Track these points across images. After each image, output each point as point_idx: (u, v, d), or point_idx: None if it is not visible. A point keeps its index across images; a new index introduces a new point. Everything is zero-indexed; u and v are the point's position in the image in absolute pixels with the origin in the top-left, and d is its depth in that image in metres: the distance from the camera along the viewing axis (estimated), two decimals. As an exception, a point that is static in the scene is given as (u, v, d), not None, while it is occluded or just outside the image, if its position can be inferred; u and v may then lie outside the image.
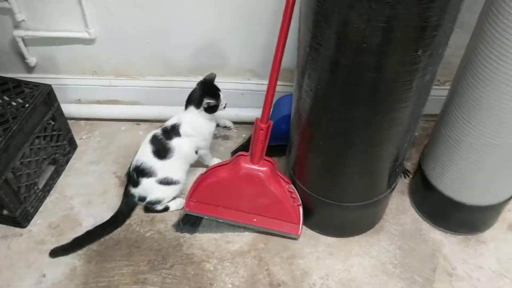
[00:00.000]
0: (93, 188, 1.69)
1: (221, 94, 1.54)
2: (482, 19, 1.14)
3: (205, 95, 1.51)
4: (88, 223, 1.59)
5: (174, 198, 1.61)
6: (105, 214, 1.61)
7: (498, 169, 1.32)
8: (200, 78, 1.81)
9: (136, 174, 1.53)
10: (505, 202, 1.46)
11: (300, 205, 1.47)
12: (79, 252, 1.51)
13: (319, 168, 1.36)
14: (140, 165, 1.52)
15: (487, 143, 1.26)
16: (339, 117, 1.16)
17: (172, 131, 1.53)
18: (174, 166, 1.55)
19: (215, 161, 1.69)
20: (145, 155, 1.53)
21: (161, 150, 1.53)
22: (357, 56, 1.01)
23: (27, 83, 1.59)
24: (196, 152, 1.61)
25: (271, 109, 1.65)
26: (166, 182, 1.54)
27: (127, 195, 1.58)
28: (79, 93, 1.89)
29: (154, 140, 1.54)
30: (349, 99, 1.11)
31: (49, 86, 1.60)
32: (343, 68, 1.06)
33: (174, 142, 1.53)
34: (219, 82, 1.81)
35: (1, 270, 1.47)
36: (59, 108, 1.66)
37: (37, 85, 1.58)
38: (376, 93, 1.08)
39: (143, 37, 1.70)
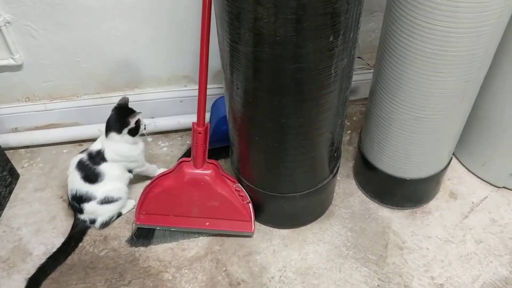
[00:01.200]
0: (41, 215, 1.66)
1: (139, 116, 1.51)
2: (390, 0, 1.19)
3: (123, 120, 1.49)
4: (40, 251, 1.56)
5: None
6: (55, 240, 1.58)
7: (429, 140, 1.38)
8: (137, 90, 1.83)
9: (76, 201, 1.52)
10: (443, 171, 1.53)
11: (249, 202, 1.49)
12: (33, 282, 1.48)
13: (261, 163, 1.38)
14: (76, 193, 1.51)
15: (415, 117, 1.31)
16: (269, 110, 1.18)
17: (98, 156, 1.51)
18: (110, 187, 1.53)
19: (160, 171, 1.68)
20: (76, 183, 1.51)
21: (91, 175, 1.50)
22: (273, 49, 1.03)
23: (-44, 119, 1.55)
24: (131, 171, 1.60)
25: (210, 112, 1.68)
26: (108, 201, 1.53)
27: (78, 222, 1.56)
28: (15, 122, 1.84)
29: (81, 166, 1.51)
30: (275, 91, 1.14)
31: (-21, 119, 1.56)
32: (264, 62, 1.08)
33: (102, 167, 1.51)
34: (157, 92, 1.83)
35: (-48, 313, 1.43)
36: (-8, 141, 1.63)
37: (-34, 119, 1.54)
38: (299, 83, 1.11)
39: (71, 56, 1.68)
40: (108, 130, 1.50)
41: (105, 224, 1.58)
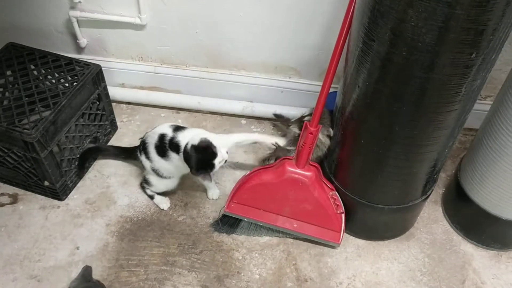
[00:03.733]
0: (130, 169, 1.73)
1: (218, 151, 1.41)
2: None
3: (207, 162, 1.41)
4: (123, 202, 1.63)
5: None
6: (139, 195, 1.65)
7: (540, 185, 1.31)
8: (244, 72, 1.86)
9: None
10: (543, 220, 1.44)
11: (342, 212, 1.46)
12: (113, 229, 1.55)
13: (358, 167, 1.37)
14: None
15: (530, 157, 1.25)
16: (385, 115, 1.17)
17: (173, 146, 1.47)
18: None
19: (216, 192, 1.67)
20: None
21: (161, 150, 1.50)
22: (410, 54, 1.02)
23: (78, 62, 1.65)
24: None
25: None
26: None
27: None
28: (124, 77, 1.94)
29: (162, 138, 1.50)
30: (398, 98, 1.12)
31: (99, 66, 1.65)
32: (395, 66, 1.07)
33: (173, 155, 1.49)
34: (261, 78, 1.85)
35: (38, 239, 1.52)
36: (105, 89, 1.71)
37: (87, 64, 1.64)
38: (424, 93, 1.09)
39: (192, 27, 1.74)
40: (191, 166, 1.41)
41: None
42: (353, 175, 1.41)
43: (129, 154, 1.71)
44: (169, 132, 1.49)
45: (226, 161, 1.44)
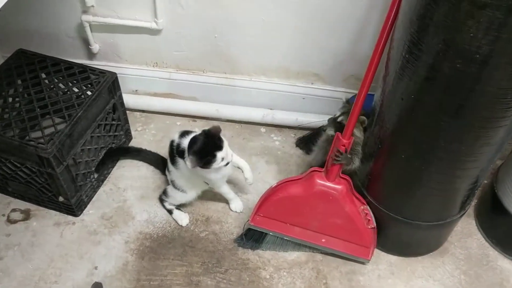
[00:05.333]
0: (147, 182, 1.65)
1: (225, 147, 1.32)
2: None
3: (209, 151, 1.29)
4: (142, 218, 1.55)
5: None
6: (158, 210, 1.57)
7: None
8: (263, 78, 1.78)
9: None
10: None
11: (374, 228, 1.39)
12: (132, 247, 1.47)
13: (396, 182, 1.29)
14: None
15: None
16: (432, 129, 1.09)
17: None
18: None
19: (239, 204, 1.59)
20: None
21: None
22: (465, 66, 0.94)
23: (93, 70, 1.56)
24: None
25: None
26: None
27: None
28: (138, 84, 1.86)
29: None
30: (447, 111, 1.04)
31: (114, 74, 1.57)
32: (445, 77, 0.99)
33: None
34: (281, 84, 1.78)
35: (53, 258, 1.44)
36: (120, 98, 1.63)
37: (103, 72, 1.55)
38: (478, 107, 1.01)
39: (211, 32, 1.65)
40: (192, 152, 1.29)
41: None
42: (389, 189, 1.34)
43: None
44: (176, 138, 1.42)
45: (228, 163, 1.35)
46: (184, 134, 1.40)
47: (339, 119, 1.42)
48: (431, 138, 1.12)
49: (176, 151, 1.40)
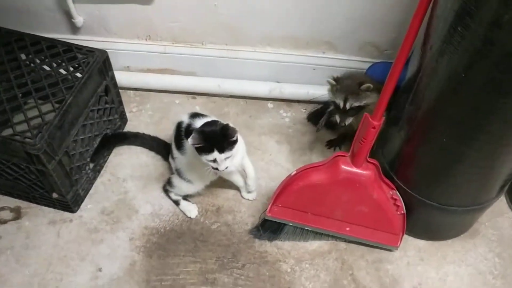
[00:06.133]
0: (149, 170, 1.51)
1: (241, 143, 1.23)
2: None
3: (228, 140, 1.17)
4: (146, 211, 1.41)
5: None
6: (163, 201, 1.43)
7: None
8: (269, 49, 1.62)
9: None
10: None
11: (403, 214, 1.27)
12: (138, 244, 1.34)
13: (431, 166, 1.16)
14: None
15: None
16: (474, 108, 0.96)
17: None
18: None
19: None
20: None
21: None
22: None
23: (80, 48, 1.38)
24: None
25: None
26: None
27: None
28: (129, 60, 1.67)
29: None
30: (494, 89, 0.91)
31: (105, 52, 1.39)
32: (498, 51, 0.84)
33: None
34: (289, 55, 1.62)
35: (52, 261, 1.30)
36: (113, 78, 1.46)
37: (91, 51, 1.37)
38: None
39: (210, -1, 1.47)
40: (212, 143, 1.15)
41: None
42: (423, 173, 1.21)
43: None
44: (185, 119, 1.29)
45: (217, 169, 1.19)
46: (195, 115, 1.28)
47: (347, 105, 1.32)
48: (477, 118, 0.98)
49: (185, 132, 1.26)
